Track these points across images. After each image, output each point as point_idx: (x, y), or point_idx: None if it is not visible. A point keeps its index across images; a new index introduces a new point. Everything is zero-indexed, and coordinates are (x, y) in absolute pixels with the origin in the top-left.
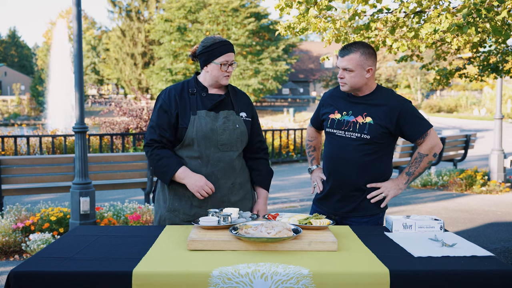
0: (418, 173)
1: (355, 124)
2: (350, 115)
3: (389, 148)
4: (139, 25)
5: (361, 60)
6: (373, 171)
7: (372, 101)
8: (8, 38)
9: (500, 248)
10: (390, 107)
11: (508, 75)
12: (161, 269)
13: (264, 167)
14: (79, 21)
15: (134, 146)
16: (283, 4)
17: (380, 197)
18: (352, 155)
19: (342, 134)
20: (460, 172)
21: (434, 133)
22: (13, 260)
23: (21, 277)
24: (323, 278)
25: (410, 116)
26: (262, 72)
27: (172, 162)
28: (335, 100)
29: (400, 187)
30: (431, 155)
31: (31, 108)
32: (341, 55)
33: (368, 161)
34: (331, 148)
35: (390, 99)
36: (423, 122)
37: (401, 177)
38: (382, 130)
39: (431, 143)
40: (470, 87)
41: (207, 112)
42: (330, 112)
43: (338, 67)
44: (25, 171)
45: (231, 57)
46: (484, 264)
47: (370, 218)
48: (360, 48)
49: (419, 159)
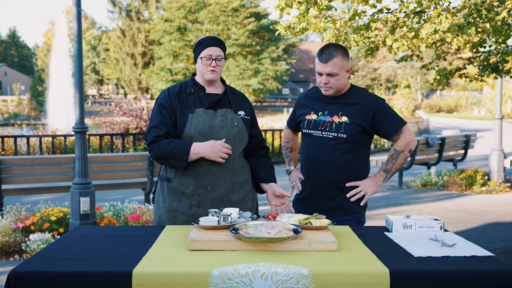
0: (395, 169)
1: (331, 124)
2: (326, 115)
3: (365, 147)
4: (139, 25)
5: (343, 62)
6: (351, 169)
7: (346, 101)
8: (8, 38)
9: (500, 248)
10: (365, 106)
11: (508, 75)
12: (161, 269)
13: (266, 163)
14: (79, 21)
15: (134, 146)
16: (283, 4)
17: (359, 195)
18: (330, 154)
19: (319, 134)
20: (460, 172)
21: (409, 130)
22: (13, 260)
23: (21, 277)
24: (323, 278)
25: (384, 114)
26: (262, 72)
27: (182, 144)
28: (310, 101)
29: (378, 184)
30: (406, 151)
31: (31, 108)
32: (323, 61)
33: (345, 160)
34: (308, 149)
35: (365, 98)
36: (397, 119)
37: (379, 174)
38: (358, 128)
39: (406, 139)
40: (470, 87)
41: (205, 110)
42: (306, 113)
43: (319, 73)
44: (25, 171)
45: (215, 51)
46: (484, 264)
47: (352, 216)
48: (339, 50)
49: (395, 156)
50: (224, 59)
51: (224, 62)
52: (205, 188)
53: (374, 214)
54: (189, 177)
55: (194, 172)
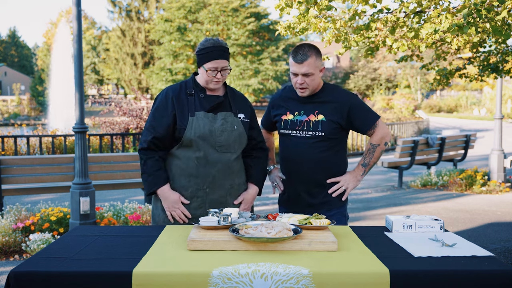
0: (373, 163)
1: (308, 123)
2: (302, 114)
3: (342, 143)
4: (139, 25)
5: (317, 62)
6: (331, 166)
7: (321, 99)
8: (8, 38)
9: (500, 248)
10: (340, 103)
11: (508, 75)
12: (161, 269)
13: (259, 164)
14: (79, 21)
15: (134, 146)
16: (283, 4)
17: (341, 191)
18: (309, 153)
19: (297, 134)
20: (460, 172)
21: (383, 124)
22: (13, 260)
23: (21, 277)
24: (323, 278)
25: (359, 109)
26: (262, 72)
27: (156, 178)
28: (285, 101)
29: (358, 178)
30: (382, 144)
31: (31, 108)
32: (298, 61)
33: (324, 157)
34: (287, 149)
35: (339, 95)
36: (372, 114)
37: (357, 169)
38: (335, 125)
39: (381, 133)
40: (470, 87)
41: (205, 114)
42: (281, 114)
43: (294, 73)
44: (25, 171)
45: (221, 64)
46: (484, 264)
47: (337, 211)
48: (312, 50)
49: (372, 150)
50: (229, 68)
51: (229, 71)
52: (204, 190)
53: (374, 214)
54: (188, 179)
55: (193, 174)
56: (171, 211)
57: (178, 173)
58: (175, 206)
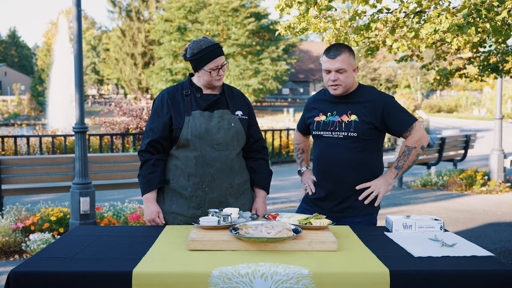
0: (407, 166)
1: (340, 123)
2: (335, 115)
3: (377, 145)
4: (139, 25)
5: (351, 60)
6: (364, 168)
7: (354, 99)
8: (8, 38)
9: (500, 248)
10: (374, 103)
11: (508, 75)
12: (161, 269)
13: (264, 167)
14: (79, 21)
15: (134, 146)
16: (283, 4)
17: (372, 197)
18: (342, 154)
19: (329, 135)
20: (460, 172)
21: (420, 126)
22: (13, 260)
23: (21, 277)
24: (323, 278)
25: (394, 110)
26: (262, 72)
27: (147, 183)
28: (317, 103)
29: (389, 182)
30: (418, 147)
31: (31, 108)
32: (331, 57)
33: (357, 159)
34: (319, 150)
35: (373, 95)
36: (408, 115)
37: (390, 172)
38: (368, 126)
39: (417, 135)
40: (470, 87)
41: (202, 112)
42: (314, 115)
43: (327, 70)
44: (25, 171)
45: (220, 60)
46: (484, 264)
47: (364, 218)
48: (345, 48)
49: (408, 152)
50: (227, 62)
51: (227, 65)
52: (203, 190)
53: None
54: (187, 179)
55: (192, 174)
56: (148, 222)
57: (178, 173)
58: (151, 218)
